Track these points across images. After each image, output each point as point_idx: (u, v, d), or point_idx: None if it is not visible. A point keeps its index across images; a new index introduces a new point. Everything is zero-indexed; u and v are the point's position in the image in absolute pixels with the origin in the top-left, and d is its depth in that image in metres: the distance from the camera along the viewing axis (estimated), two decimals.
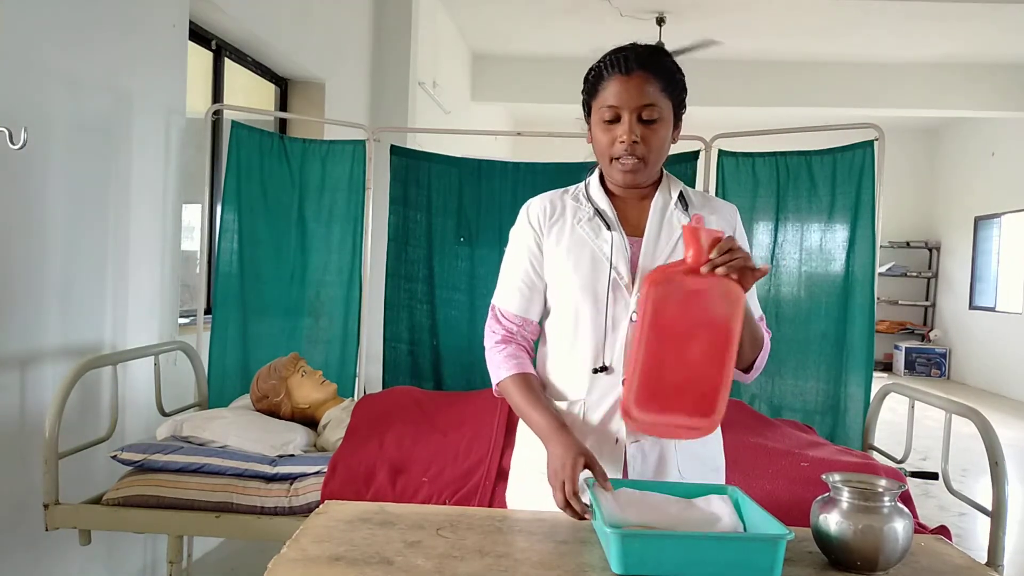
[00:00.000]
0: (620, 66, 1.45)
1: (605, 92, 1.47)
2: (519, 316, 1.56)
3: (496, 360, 1.54)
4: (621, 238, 1.50)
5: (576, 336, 1.51)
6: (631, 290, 1.47)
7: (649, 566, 1.12)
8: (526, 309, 1.56)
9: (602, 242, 1.50)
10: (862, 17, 7.10)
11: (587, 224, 1.52)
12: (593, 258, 1.49)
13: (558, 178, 3.59)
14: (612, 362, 1.47)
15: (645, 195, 1.55)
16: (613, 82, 1.46)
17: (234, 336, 3.38)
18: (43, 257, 2.49)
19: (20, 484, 2.42)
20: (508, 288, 1.58)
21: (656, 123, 1.45)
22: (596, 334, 1.48)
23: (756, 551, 1.11)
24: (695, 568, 1.12)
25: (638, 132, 1.45)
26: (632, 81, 1.44)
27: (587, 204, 1.54)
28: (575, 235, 1.52)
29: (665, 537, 1.17)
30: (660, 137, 1.47)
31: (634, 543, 1.13)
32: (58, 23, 2.49)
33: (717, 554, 1.11)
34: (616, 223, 1.51)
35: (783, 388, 3.33)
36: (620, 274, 1.47)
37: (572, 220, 1.54)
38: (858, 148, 3.21)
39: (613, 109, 1.45)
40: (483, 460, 2.41)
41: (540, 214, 1.56)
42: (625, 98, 1.44)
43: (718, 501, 1.31)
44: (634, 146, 1.45)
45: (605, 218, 1.52)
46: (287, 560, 1.17)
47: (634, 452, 1.48)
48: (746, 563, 1.11)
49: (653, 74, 1.45)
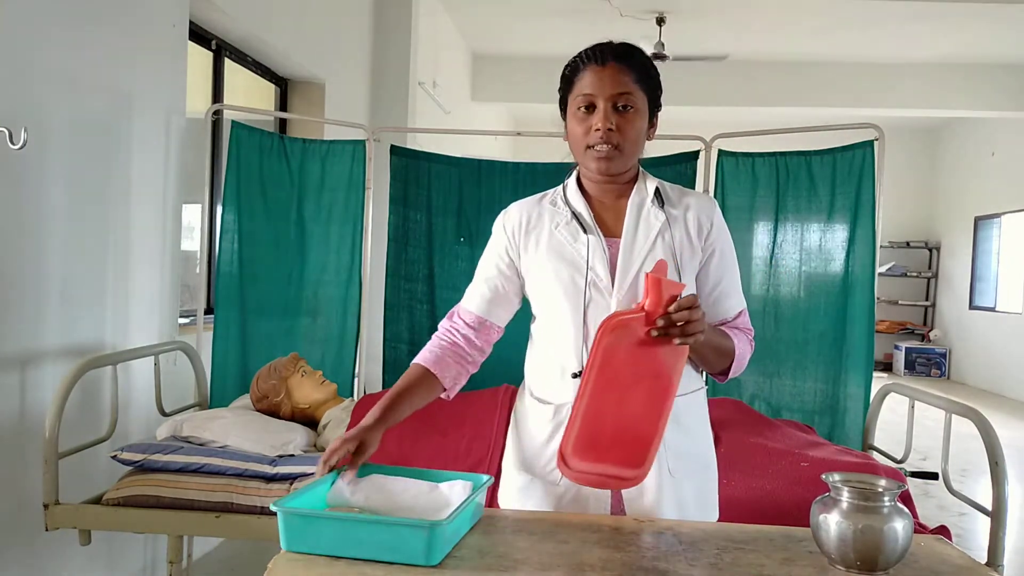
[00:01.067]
0: (595, 58, 1.48)
1: (580, 83, 1.49)
2: (477, 316, 1.56)
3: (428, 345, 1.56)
4: (599, 240, 1.49)
5: (556, 340, 1.51)
6: (611, 292, 1.46)
7: (309, 543, 1.18)
8: (487, 311, 1.56)
9: (580, 246, 1.50)
10: (862, 17, 7.10)
11: (564, 228, 1.52)
12: (572, 262, 1.49)
13: (558, 178, 3.58)
14: (582, 366, 1.46)
15: (621, 194, 1.55)
16: (588, 72, 1.48)
17: (234, 336, 3.38)
18: (43, 257, 2.49)
19: (20, 484, 2.42)
20: (473, 290, 1.60)
21: (631, 112, 1.46)
22: (576, 338, 1.47)
23: (409, 536, 1.15)
24: (353, 548, 1.17)
25: (613, 120, 1.45)
26: (607, 71, 1.46)
27: (564, 208, 1.54)
28: (553, 240, 1.52)
29: (322, 517, 1.23)
30: (635, 128, 1.47)
31: (294, 521, 1.19)
32: (58, 23, 2.49)
33: (372, 536, 1.16)
34: (593, 226, 1.51)
35: (783, 388, 3.33)
36: (598, 275, 1.47)
37: (550, 226, 1.54)
38: (858, 148, 3.21)
39: (588, 97, 1.47)
40: (483, 460, 2.42)
41: (516, 227, 1.57)
42: (600, 87, 1.46)
43: (460, 487, 1.35)
44: (609, 133, 1.45)
45: (582, 221, 1.51)
46: (287, 560, 1.17)
47: None
48: (400, 546, 1.15)
49: (627, 66, 1.47)
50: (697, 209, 1.54)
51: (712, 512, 1.57)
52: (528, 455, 1.53)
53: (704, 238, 1.52)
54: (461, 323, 1.57)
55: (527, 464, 1.54)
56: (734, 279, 1.57)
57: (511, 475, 1.59)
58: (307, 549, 1.18)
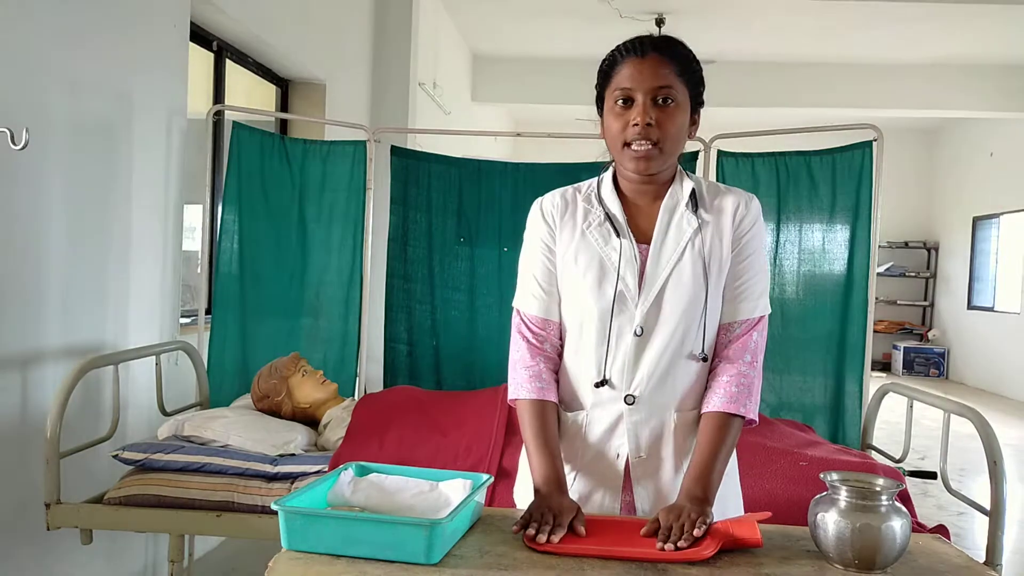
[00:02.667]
0: (635, 49, 1.40)
1: (618, 76, 1.41)
2: (542, 319, 1.49)
3: (519, 378, 1.47)
4: (631, 246, 1.43)
5: (579, 346, 1.47)
6: (636, 302, 1.42)
7: (310, 542, 1.18)
8: (547, 311, 1.49)
9: (611, 250, 1.44)
10: (862, 18, 7.11)
11: (596, 230, 1.46)
12: (601, 267, 1.44)
13: (558, 178, 3.57)
14: (613, 376, 1.44)
15: (658, 195, 1.48)
16: (627, 65, 1.40)
17: (235, 336, 3.39)
18: (45, 257, 2.49)
19: (22, 483, 2.42)
20: (528, 290, 1.51)
21: (671, 106, 1.39)
22: (599, 346, 1.44)
23: (408, 535, 1.16)
24: (353, 547, 1.17)
25: (652, 115, 1.38)
26: (646, 63, 1.39)
27: (598, 207, 1.48)
28: (584, 240, 1.46)
29: (323, 516, 1.23)
30: (676, 123, 1.40)
31: (295, 520, 1.19)
32: (59, 24, 2.50)
33: (372, 535, 1.17)
34: (626, 230, 1.45)
35: (782, 387, 3.34)
36: (627, 285, 1.42)
37: (582, 224, 1.48)
38: (857, 148, 3.22)
39: (626, 91, 1.40)
40: (483, 460, 2.42)
41: (553, 210, 1.50)
42: (639, 79, 1.38)
43: (460, 486, 1.35)
44: (648, 129, 1.37)
45: (615, 224, 1.45)
46: (288, 559, 1.18)
47: (636, 467, 1.45)
48: (400, 545, 1.16)
49: (669, 58, 1.40)
50: (732, 210, 1.47)
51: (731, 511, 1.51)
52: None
53: (734, 241, 1.46)
54: (533, 333, 1.49)
55: None
56: (755, 282, 1.47)
57: (527, 476, 1.54)
58: (308, 548, 1.19)
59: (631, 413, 1.44)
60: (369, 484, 1.36)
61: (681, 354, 1.43)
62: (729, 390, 1.42)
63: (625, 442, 1.45)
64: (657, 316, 1.42)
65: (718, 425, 1.41)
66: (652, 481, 1.46)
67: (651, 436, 1.45)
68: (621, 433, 1.45)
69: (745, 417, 1.43)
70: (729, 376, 1.43)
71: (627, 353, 1.43)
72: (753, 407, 1.44)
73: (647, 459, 1.45)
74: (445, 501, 1.32)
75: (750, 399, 1.43)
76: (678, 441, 1.45)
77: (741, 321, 1.46)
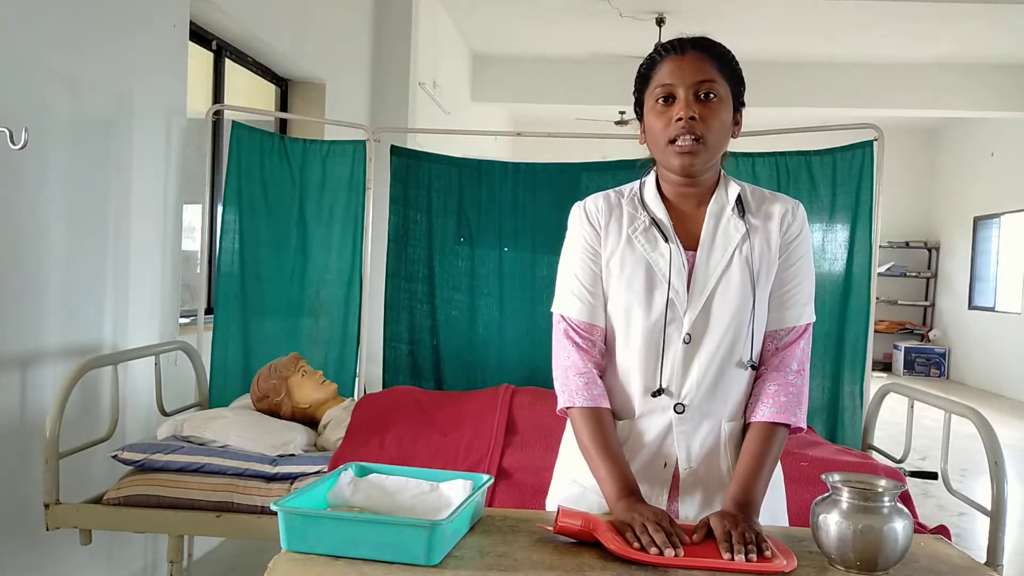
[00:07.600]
0: (674, 48, 1.40)
1: (659, 75, 1.40)
2: (587, 323, 1.45)
3: (572, 385, 1.42)
4: (679, 252, 1.41)
5: (627, 353, 1.43)
6: (684, 309, 1.40)
7: (310, 543, 1.18)
8: (591, 315, 1.45)
9: (658, 256, 1.41)
10: (861, 17, 7.11)
11: (643, 235, 1.43)
12: (648, 273, 1.41)
13: (558, 178, 3.60)
14: (664, 383, 1.41)
15: (702, 200, 1.45)
16: (666, 63, 1.39)
17: (234, 336, 3.38)
18: (44, 257, 2.49)
19: (21, 483, 2.42)
20: (572, 294, 1.46)
21: (714, 101, 1.37)
22: (648, 354, 1.41)
23: (409, 535, 1.15)
24: (353, 547, 1.16)
25: (695, 109, 1.35)
26: (687, 59, 1.38)
27: (643, 212, 1.45)
28: (630, 246, 1.43)
29: (323, 517, 1.22)
30: (719, 118, 1.37)
31: (295, 520, 1.18)
32: (59, 24, 2.50)
33: (372, 536, 1.16)
34: (673, 235, 1.42)
35: None
36: (676, 291, 1.39)
37: (627, 228, 1.44)
38: (857, 148, 3.21)
39: (667, 87, 1.38)
40: (483, 460, 2.42)
41: (597, 213, 1.46)
42: (680, 75, 1.37)
43: (460, 487, 1.34)
44: (691, 123, 1.35)
45: (662, 228, 1.42)
46: (287, 559, 1.17)
47: (685, 476, 1.42)
48: (401, 546, 1.15)
49: (708, 55, 1.39)
50: (780, 216, 1.45)
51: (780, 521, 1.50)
52: (585, 467, 1.43)
53: (782, 247, 1.44)
54: (582, 338, 1.45)
55: (583, 475, 1.45)
56: (801, 289, 1.45)
57: (563, 485, 1.53)
58: (307, 549, 1.18)
59: (680, 422, 1.42)
60: (369, 484, 1.36)
61: (730, 362, 1.41)
62: (779, 400, 1.41)
63: (674, 451, 1.42)
64: (705, 323, 1.40)
65: (767, 435, 1.40)
66: (701, 491, 1.43)
67: (701, 446, 1.42)
68: (671, 443, 1.42)
69: (791, 426, 1.42)
70: (778, 385, 1.42)
71: (675, 361, 1.41)
72: (803, 416, 1.42)
73: (696, 469, 1.43)
74: (445, 502, 1.32)
75: (800, 408, 1.42)
76: (730, 451, 1.43)
77: (788, 328, 1.45)
